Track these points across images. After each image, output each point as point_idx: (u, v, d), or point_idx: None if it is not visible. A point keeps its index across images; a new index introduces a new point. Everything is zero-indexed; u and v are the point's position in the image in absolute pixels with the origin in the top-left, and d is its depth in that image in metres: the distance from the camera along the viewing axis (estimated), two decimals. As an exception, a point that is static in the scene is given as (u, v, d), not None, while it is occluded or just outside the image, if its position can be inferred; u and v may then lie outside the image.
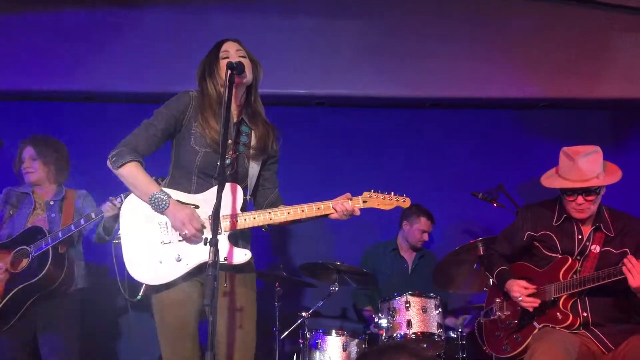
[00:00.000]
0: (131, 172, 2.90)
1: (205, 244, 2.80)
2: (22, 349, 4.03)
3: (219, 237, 2.67)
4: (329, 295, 4.68)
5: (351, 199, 3.01)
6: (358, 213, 3.02)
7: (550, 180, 3.62)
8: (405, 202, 3.15)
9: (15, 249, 3.98)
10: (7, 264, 3.97)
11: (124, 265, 2.89)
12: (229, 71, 2.82)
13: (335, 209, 2.97)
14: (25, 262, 3.94)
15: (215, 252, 2.52)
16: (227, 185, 2.89)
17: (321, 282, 4.95)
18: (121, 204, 3.70)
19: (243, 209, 2.95)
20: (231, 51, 3.03)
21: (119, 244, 2.92)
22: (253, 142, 3.05)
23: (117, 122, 5.45)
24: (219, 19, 5.44)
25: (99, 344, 5.09)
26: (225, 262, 2.82)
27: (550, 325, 3.49)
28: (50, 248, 3.89)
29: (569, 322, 3.44)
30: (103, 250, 4.47)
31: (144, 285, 2.88)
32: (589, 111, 5.85)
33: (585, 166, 3.49)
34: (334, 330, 4.48)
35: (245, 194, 2.99)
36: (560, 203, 3.65)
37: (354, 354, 4.39)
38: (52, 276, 3.91)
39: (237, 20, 5.43)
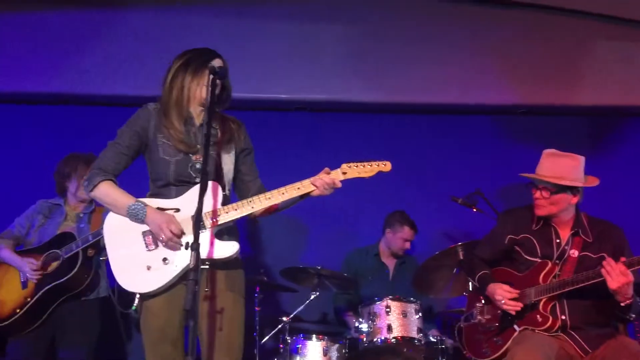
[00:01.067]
0: (104, 191, 2.92)
1: (186, 248, 2.78)
2: (40, 354, 4.11)
3: (203, 234, 2.69)
4: (309, 300, 4.67)
5: (329, 173, 2.98)
6: (339, 185, 2.98)
7: (528, 174, 3.70)
8: (386, 166, 3.15)
9: (45, 252, 4.11)
10: (39, 265, 4.09)
11: (114, 278, 2.88)
12: (211, 75, 2.82)
13: (315, 185, 2.95)
14: (55, 264, 4.07)
15: (197, 257, 2.51)
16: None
17: (302, 287, 4.94)
18: None
19: (224, 204, 2.93)
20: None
21: (107, 260, 2.91)
22: (219, 137, 3.04)
23: (96, 126, 5.47)
24: (201, 23, 5.43)
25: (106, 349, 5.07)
26: (211, 259, 2.81)
27: (530, 328, 3.51)
28: (80, 250, 4.02)
29: (548, 324, 3.47)
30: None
31: (137, 294, 2.86)
32: (566, 117, 5.92)
33: (547, 164, 3.61)
34: (314, 335, 4.47)
35: (224, 190, 2.98)
36: None
37: (334, 359, 4.39)
38: (80, 277, 4.05)
39: (219, 24, 5.42)
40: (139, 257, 2.86)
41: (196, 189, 2.80)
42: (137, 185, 3.08)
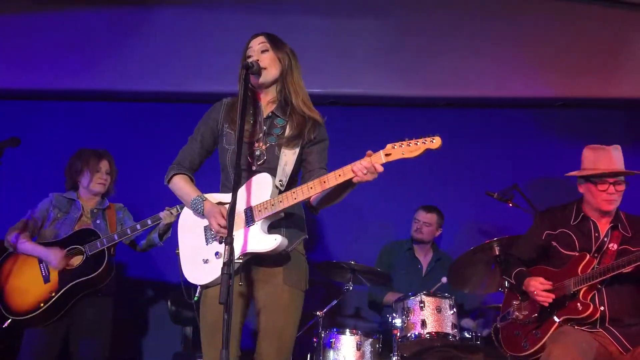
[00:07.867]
0: (176, 184, 3.05)
1: (220, 242, 2.84)
2: (54, 347, 4.12)
3: (252, 227, 2.79)
4: (343, 295, 4.67)
5: (371, 155, 2.81)
6: (381, 169, 2.78)
7: (578, 172, 3.68)
8: (434, 142, 2.95)
9: (67, 247, 4.12)
10: (63, 256, 4.10)
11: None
12: (244, 71, 2.84)
13: (353, 170, 2.77)
14: (79, 259, 4.11)
15: (230, 251, 2.52)
16: (256, 176, 2.92)
17: (335, 282, 4.94)
18: (178, 212, 4.00)
19: (274, 196, 2.90)
20: (254, 47, 3.05)
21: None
22: (287, 132, 3.02)
23: (133, 121, 5.55)
24: (235, 18, 5.44)
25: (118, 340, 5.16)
26: (255, 253, 2.83)
27: (571, 317, 3.50)
28: (105, 249, 4.09)
29: (589, 311, 3.45)
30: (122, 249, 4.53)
31: (198, 286, 2.95)
32: (604, 111, 5.79)
33: (616, 156, 3.61)
34: (348, 330, 4.46)
35: (274, 181, 2.94)
36: (578, 204, 3.72)
37: (368, 353, 4.38)
38: (104, 276, 4.10)
39: (252, 19, 5.42)
40: (199, 251, 2.97)
41: (251, 181, 2.90)
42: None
